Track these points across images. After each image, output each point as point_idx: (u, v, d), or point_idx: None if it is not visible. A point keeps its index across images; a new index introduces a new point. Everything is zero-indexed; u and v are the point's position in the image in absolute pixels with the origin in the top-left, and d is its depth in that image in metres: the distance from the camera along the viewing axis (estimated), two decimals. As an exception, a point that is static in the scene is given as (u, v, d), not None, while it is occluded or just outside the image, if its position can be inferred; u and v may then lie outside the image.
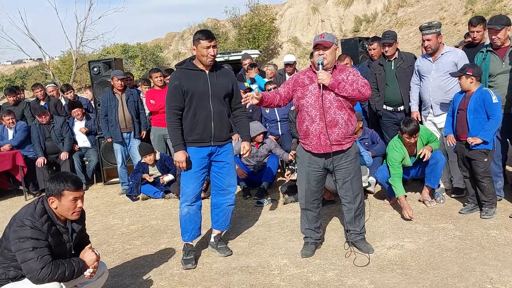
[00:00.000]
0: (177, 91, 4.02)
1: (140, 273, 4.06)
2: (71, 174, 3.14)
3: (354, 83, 3.79)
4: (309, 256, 4.06)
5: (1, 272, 2.93)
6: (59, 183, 2.98)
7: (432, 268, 3.64)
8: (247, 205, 5.86)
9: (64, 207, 2.99)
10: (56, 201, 2.98)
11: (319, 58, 3.83)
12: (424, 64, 5.33)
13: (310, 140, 3.93)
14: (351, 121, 3.93)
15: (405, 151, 5.08)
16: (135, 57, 32.75)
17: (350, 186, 4.01)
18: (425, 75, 5.31)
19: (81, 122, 8.04)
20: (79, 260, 3.02)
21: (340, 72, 3.90)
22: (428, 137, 5.10)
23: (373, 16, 25.87)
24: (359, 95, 3.80)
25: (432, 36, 5.14)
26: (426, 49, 5.23)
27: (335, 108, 3.84)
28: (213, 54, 4.00)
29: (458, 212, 4.84)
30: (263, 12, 29.36)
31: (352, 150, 3.98)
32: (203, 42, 3.96)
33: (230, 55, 10.66)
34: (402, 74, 5.62)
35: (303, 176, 4.10)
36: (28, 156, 7.61)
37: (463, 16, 20.24)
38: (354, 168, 4.00)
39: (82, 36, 22.77)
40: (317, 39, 3.86)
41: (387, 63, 5.74)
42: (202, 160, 4.14)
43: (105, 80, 7.55)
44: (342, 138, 3.89)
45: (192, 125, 4.07)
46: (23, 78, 39.56)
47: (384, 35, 5.70)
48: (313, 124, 3.88)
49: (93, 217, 5.90)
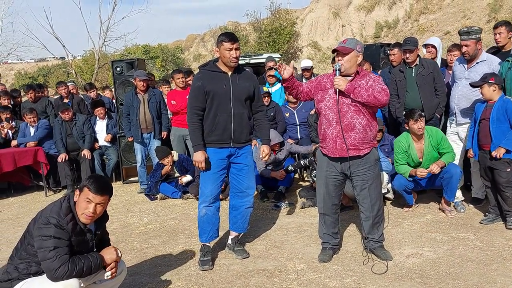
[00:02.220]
0: (199, 92, 4.05)
1: (157, 273, 4.08)
2: (102, 178, 3.14)
3: (370, 89, 3.75)
4: (327, 261, 4.04)
5: (24, 267, 2.97)
6: (88, 179, 3.05)
7: (451, 278, 3.60)
8: (264, 208, 5.86)
9: (79, 204, 3.02)
10: (77, 194, 3.03)
11: (337, 64, 3.85)
12: (458, 69, 5.26)
13: (327, 143, 3.95)
14: (370, 127, 3.90)
15: (410, 142, 5.10)
16: (156, 58, 33.05)
17: (368, 193, 3.98)
18: (456, 81, 5.24)
19: (103, 121, 8.14)
20: (96, 255, 3.04)
21: (362, 78, 3.88)
22: (439, 140, 5.05)
23: (395, 22, 25.71)
24: (375, 101, 3.75)
25: (471, 42, 5.02)
26: (464, 55, 5.12)
27: (352, 113, 3.82)
28: (235, 56, 4.02)
29: (478, 222, 4.78)
30: (284, 16, 29.42)
31: (370, 156, 3.94)
32: (226, 44, 3.98)
33: (251, 58, 10.68)
34: (423, 81, 5.55)
35: (321, 180, 4.09)
36: (49, 153, 7.73)
37: (486, 24, 19.97)
38: (372, 175, 3.96)
39: (105, 36, 23.10)
40: (338, 45, 3.87)
41: (408, 70, 5.68)
42: (221, 161, 4.15)
43: (127, 80, 7.64)
44: (360, 143, 3.86)
45: (212, 126, 4.09)
46: (46, 76, 40.21)
47: (405, 42, 5.66)
48: (330, 127, 3.89)
49: (112, 215, 5.94)
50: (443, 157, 5.03)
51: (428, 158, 5.10)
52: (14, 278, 2.96)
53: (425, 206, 5.48)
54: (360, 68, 3.95)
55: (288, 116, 7.17)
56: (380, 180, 4.09)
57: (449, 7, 23.57)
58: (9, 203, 7.34)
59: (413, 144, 5.15)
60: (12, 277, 2.97)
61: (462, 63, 5.24)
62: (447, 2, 23.97)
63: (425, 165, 5.11)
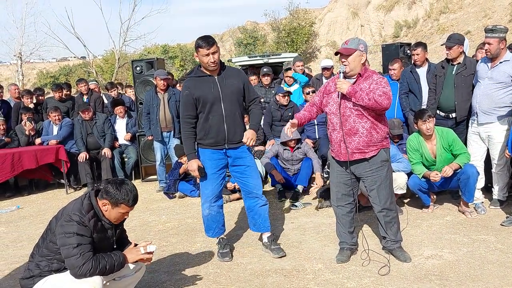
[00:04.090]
0: (188, 100, 4.08)
1: (175, 270, 4.12)
2: (134, 189, 3.12)
3: (371, 92, 3.67)
4: (345, 262, 4.03)
5: (45, 264, 3.01)
6: (121, 194, 3.02)
7: (471, 280, 3.55)
8: (282, 208, 5.86)
9: (113, 214, 3.08)
10: (109, 206, 3.05)
11: (341, 66, 3.84)
12: (481, 69, 5.14)
13: (333, 147, 3.99)
14: (376, 129, 3.84)
15: (421, 142, 5.09)
16: (175, 57, 33.22)
17: (377, 194, 3.97)
18: (479, 80, 5.13)
19: (122, 120, 8.23)
20: (119, 254, 3.08)
21: (365, 80, 3.82)
22: (451, 142, 4.99)
23: (414, 22, 25.42)
24: (376, 105, 3.66)
25: (494, 40, 4.89)
26: (486, 52, 5.01)
27: (354, 117, 3.80)
28: (213, 61, 4.00)
29: (499, 224, 4.71)
30: (302, 16, 29.31)
31: (377, 158, 3.90)
32: (202, 50, 3.97)
33: (270, 58, 10.68)
34: (461, 81, 5.39)
35: (334, 180, 4.13)
36: (70, 151, 7.85)
37: (508, 24, 19.59)
38: (380, 176, 3.93)
39: (125, 36, 23.33)
40: (341, 47, 3.85)
41: (449, 67, 5.53)
42: (220, 161, 4.20)
43: (147, 79, 7.71)
44: (365, 146, 3.84)
45: (205, 129, 4.13)
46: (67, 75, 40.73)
47: (447, 38, 5.50)
48: (335, 131, 3.91)
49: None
50: (457, 159, 4.97)
51: (442, 159, 5.05)
52: (36, 275, 3.01)
53: (444, 207, 5.42)
54: (364, 69, 3.87)
55: (306, 116, 7.15)
56: (389, 181, 4.02)
57: (470, 7, 23.21)
58: (30, 200, 7.48)
59: (424, 143, 5.11)
60: (34, 274, 3.02)
61: (485, 62, 5.13)
62: (468, 2, 23.62)
63: (439, 166, 5.06)
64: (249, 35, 30.81)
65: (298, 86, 8.15)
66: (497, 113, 4.95)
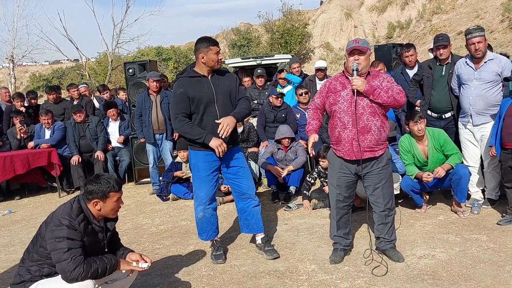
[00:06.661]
0: (182, 98, 4.04)
1: (168, 273, 4.10)
2: (111, 176, 3.15)
3: (390, 90, 3.75)
4: (338, 262, 4.03)
5: (36, 269, 2.98)
6: (103, 185, 3.02)
7: (464, 279, 3.56)
8: (275, 209, 5.85)
9: (108, 208, 3.06)
10: (100, 203, 3.03)
11: (354, 64, 3.79)
12: (465, 71, 5.08)
13: (342, 146, 3.91)
14: (384, 128, 3.90)
15: (413, 143, 5.11)
16: (169, 59, 33.16)
17: (381, 192, 3.97)
18: (466, 83, 5.08)
19: (115, 123, 8.20)
20: (111, 257, 3.07)
21: (374, 78, 3.86)
22: (442, 143, 5.00)
23: (407, 23, 25.51)
24: (394, 102, 3.77)
25: (482, 38, 4.90)
26: (477, 52, 4.93)
27: (368, 115, 3.80)
28: (220, 58, 4.12)
29: (494, 223, 4.72)
30: (296, 17, 29.35)
31: (384, 156, 3.94)
32: (214, 48, 4.05)
33: (263, 59, 10.68)
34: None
35: (334, 181, 4.08)
36: (63, 154, 7.81)
37: (500, 24, 19.73)
38: (385, 174, 3.96)
39: (118, 38, 23.26)
40: (352, 45, 3.83)
41: (438, 67, 5.51)
42: (213, 163, 4.17)
43: (140, 82, 7.69)
44: (375, 145, 3.85)
45: None
46: (60, 78, 40.61)
47: (438, 38, 5.47)
48: (345, 130, 3.86)
49: (124, 216, 6.00)
50: (449, 159, 4.98)
51: (434, 160, 5.07)
52: (27, 280, 2.98)
53: (437, 207, 5.44)
54: (370, 68, 3.93)
55: (299, 117, 7.17)
56: (392, 179, 4.08)
57: (462, 7, 23.32)
58: (23, 204, 7.44)
59: (416, 144, 5.12)
60: (25, 279, 2.98)
61: (467, 63, 5.08)
62: (460, 2, 23.73)
63: (431, 167, 5.08)
64: (243, 36, 30.80)
65: (292, 87, 8.15)
66: (491, 112, 4.98)
